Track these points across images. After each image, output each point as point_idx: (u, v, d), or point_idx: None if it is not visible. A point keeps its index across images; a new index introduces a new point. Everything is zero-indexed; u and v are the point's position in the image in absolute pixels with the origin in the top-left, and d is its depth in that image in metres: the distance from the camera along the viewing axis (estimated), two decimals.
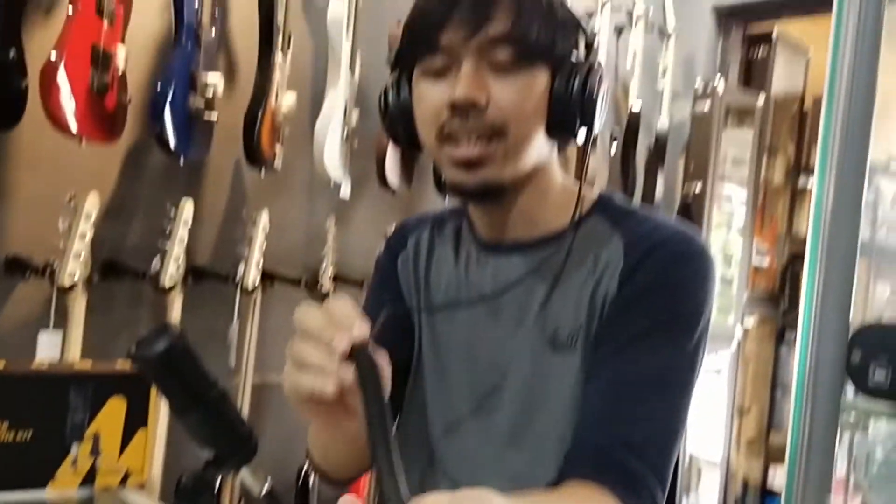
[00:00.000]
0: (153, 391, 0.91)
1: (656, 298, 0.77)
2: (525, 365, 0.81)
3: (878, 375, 0.46)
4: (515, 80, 0.77)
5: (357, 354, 0.63)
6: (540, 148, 0.81)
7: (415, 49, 0.81)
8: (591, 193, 0.87)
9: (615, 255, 0.80)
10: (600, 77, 0.81)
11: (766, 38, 3.30)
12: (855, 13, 0.51)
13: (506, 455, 0.82)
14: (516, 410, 0.81)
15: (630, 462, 0.73)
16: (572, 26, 0.82)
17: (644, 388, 0.76)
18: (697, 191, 2.99)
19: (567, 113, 0.79)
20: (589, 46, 0.83)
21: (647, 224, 0.82)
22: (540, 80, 0.79)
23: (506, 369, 0.83)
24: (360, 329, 0.64)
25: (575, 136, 0.81)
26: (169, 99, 1.66)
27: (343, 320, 0.64)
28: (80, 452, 0.90)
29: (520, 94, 0.77)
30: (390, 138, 0.88)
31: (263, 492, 0.71)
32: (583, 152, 0.86)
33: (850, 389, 0.50)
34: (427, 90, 0.80)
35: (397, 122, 0.85)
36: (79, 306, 1.54)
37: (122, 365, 0.91)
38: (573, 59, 0.81)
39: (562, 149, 0.86)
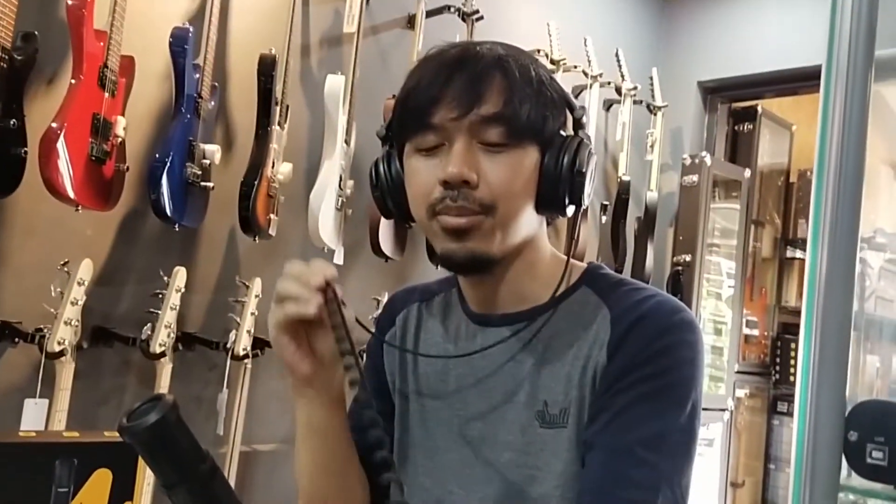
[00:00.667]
0: (140, 464, 0.89)
1: (645, 368, 0.77)
2: (516, 439, 0.81)
3: (876, 455, 0.46)
4: (505, 158, 0.79)
5: (327, 288, 0.78)
6: (529, 223, 0.82)
7: (407, 126, 0.82)
8: (580, 264, 0.88)
9: (603, 328, 0.80)
10: (589, 152, 0.83)
11: (751, 114, 3.39)
12: (842, 91, 0.53)
13: None
14: (507, 485, 0.81)
15: None
16: (561, 104, 0.84)
17: (643, 452, 0.75)
18: (687, 261, 3.02)
19: (556, 190, 0.81)
20: (577, 122, 0.85)
21: (634, 296, 0.82)
22: (530, 158, 0.80)
23: (496, 444, 0.82)
24: (331, 270, 0.78)
25: (564, 212, 0.83)
26: (167, 168, 1.68)
27: (318, 266, 0.78)
28: None
29: (509, 172, 0.79)
30: (380, 211, 0.89)
31: None
32: (571, 227, 0.88)
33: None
34: (419, 167, 0.81)
35: (388, 195, 0.86)
36: (66, 373, 1.52)
37: (110, 435, 0.90)
38: (562, 135, 0.83)
39: (550, 222, 0.88)
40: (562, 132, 0.83)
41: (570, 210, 0.83)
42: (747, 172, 3.24)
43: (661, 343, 0.78)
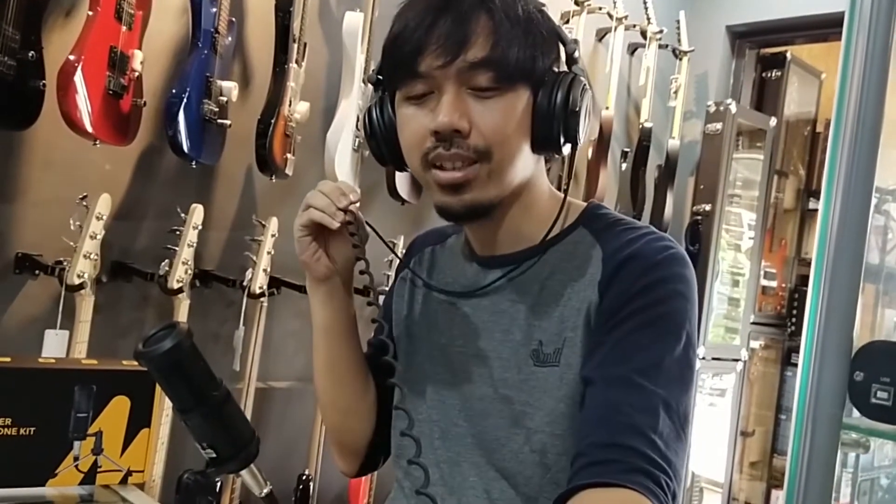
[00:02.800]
0: (157, 392, 0.91)
1: (637, 300, 0.77)
2: (512, 377, 0.83)
3: (880, 396, 0.46)
4: (496, 103, 0.78)
5: (350, 210, 0.86)
6: (525, 164, 0.82)
7: (395, 74, 0.81)
8: (580, 203, 0.89)
9: (595, 267, 0.81)
10: (583, 88, 0.81)
11: (780, 61, 3.30)
12: (864, 39, 0.52)
13: (490, 461, 0.83)
14: (503, 419, 0.82)
15: (640, 453, 0.70)
16: (552, 39, 0.82)
17: (640, 378, 0.74)
18: (707, 210, 2.99)
19: (550, 129, 0.80)
20: (570, 56, 0.83)
21: (626, 235, 0.82)
22: (521, 99, 0.79)
23: (494, 381, 0.84)
24: (356, 195, 0.84)
25: (560, 150, 0.82)
26: (183, 104, 1.67)
27: (346, 187, 0.85)
28: (82, 450, 0.90)
29: (502, 116, 0.78)
30: (376, 158, 0.89)
31: (264, 493, 0.72)
32: (568, 165, 0.88)
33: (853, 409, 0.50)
34: (410, 116, 0.81)
35: (381, 143, 0.86)
36: (86, 306, 1.55)
37: (128, 364, 0.92)
38: (555, 72, 0.81)
39: (548, 160, 0.87)
40: (554, 68, 0.82)
41: (567, 148, 0.82)
42: (773, 121, 3.18)
43: (652, 277, 0.78)
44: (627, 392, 0.74)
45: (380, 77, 0.86)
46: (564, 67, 0.83)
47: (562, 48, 0.83)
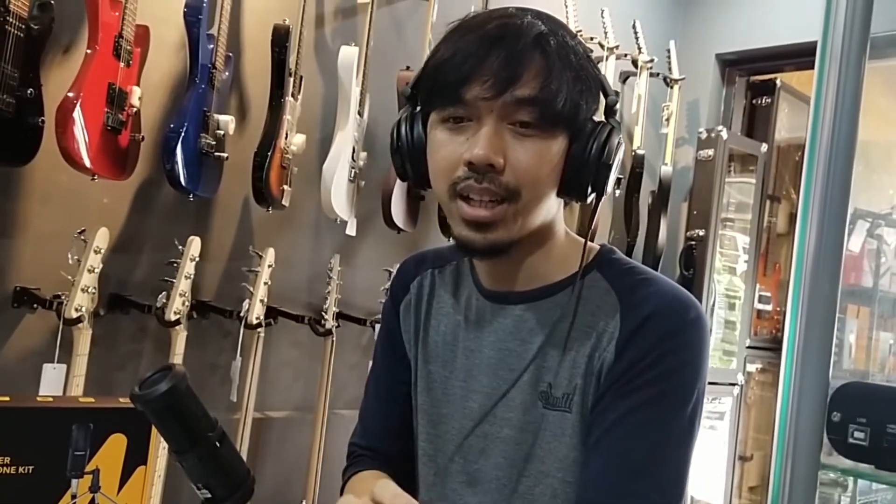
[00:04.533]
0: (153, 429, 0.92)
1: (651, 371, 0.77)
2: (516, 416, 0.82)
3: (857, 436, 0.47)
4: (534, 143, 0.77)
5: None
6: (549, 207, 0.81)
7: (436, 96, 0.80)
8: (592, 246, 0.87)
9: (612, 321, 0.80)
10: (619, 142, 0.81)
11: (770, 88, 3.34)
12: (836, 69, 0.54)
13: (486, 501, 0.82)
14: (504, 460, 0.82)
15: None
16: (596, 88, 0.82)
17: (643, 461, 0.76)
18: (700, 235, 3.01)
19: (580, 178, 0.79)
20: (610, 108, 0.82)
21: (644, 289, 0.81)
22: (558, 143, 0.78)
23: (496, 419, 0.83)
24: None
25: (585, 199, 0.82)
26: (181, 138, 1.70)
27: None
28: (79, 488, 0.91)
29: (537, 158, 0.77)
30: (397, 174, 0.87)
31: None
32: (591, 216, 0.88)
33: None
34: (443, 141, 0.79)
35: (407, 159, 0.84)
36: (84, 339, 1.56)
37: (124, 401, 0.93)
38: (593, 122, 0.80)
39: (567, 204, 0.87)
40: (594, 118, 0.81)
41: (591, 198, 0.82)
42: (764, 147, 3.22)
43: (668, 345, 0.77)
44: (630, 470, 0.75)
45: (414, 92, 0.84)
46: (603, 117, 0.82)
47: (602, 98, 0.83)
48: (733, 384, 3.15)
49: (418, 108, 0.84)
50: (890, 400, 0.48)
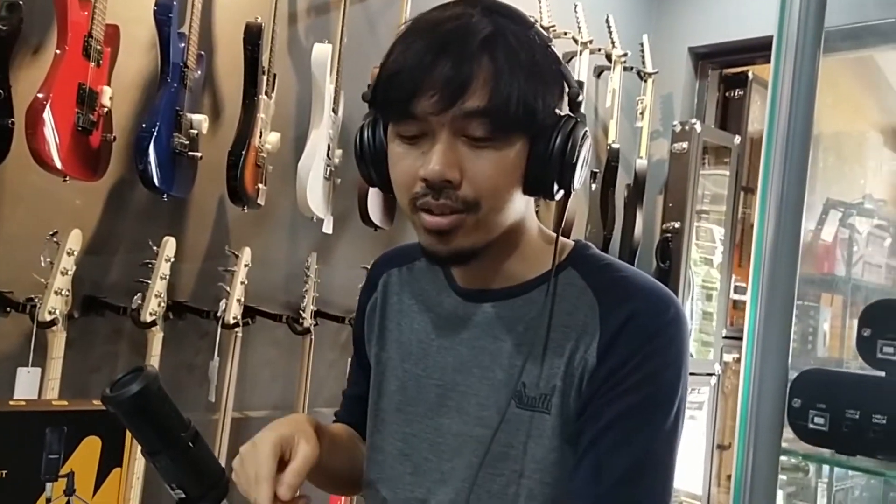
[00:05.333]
0: (128, 431, 0.92)
1: (635, 376, 0.76)
2: (490, 416, 0.81)
3: (817, 421, 0.48)
4: (490, 154, 0.75)
5: None
6: (515, 209, 0.79)
7: (388, 110, 0.78)
8: (567, 242, 0.86)
9: (591, 322, 0.79)
10: (584, 135, 0.78)
11: (742, 80, 3.38)
12: (791, 61, 0.55)
13: (459, 499, 0.82)
14: (477, 458, 0.81)
15: None
16: (557, 80, 0.79)
17: (633, 469, 0.76)
18: (676, 228, 3.04)
19: (545, 176, 0.77)
20: (573, 100, 0.79)
21: (622, 288, 0.80)
22: (517, 148, 0.76)
23: (469, 418, 0.83)
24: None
25: (552, 196, 0.79)
26: (153, 137, 1.69)
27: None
28: (54, 491, 0.90)
29: (494, 168, 0.75)
30: (364, 180, 0.86)
31: None
32: (560, 212, 0.86)
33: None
34: (400, 155, 0.78)
35: (370, 166, 0.83)
36: (58, 342, 1.55)
37: (98, 404, 0.92)
38: (555, 115, 0.77)
39: (538, 200, 0.84)
40: (556, 110, 0.78)
41: (560, 195, 0.80)
42: (737, 139, 3.25)
43: (650, 347, 0.76)
44: (617, 481, 0.75)
45: (374, 97, 0.81)
46: (566, 109, 0.79)
47: (565, 89, 0.80)
48: (710, 374, 3.18)
49: (378, 115, 0.82)
50: (849, 386, 0.49)
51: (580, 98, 0.80)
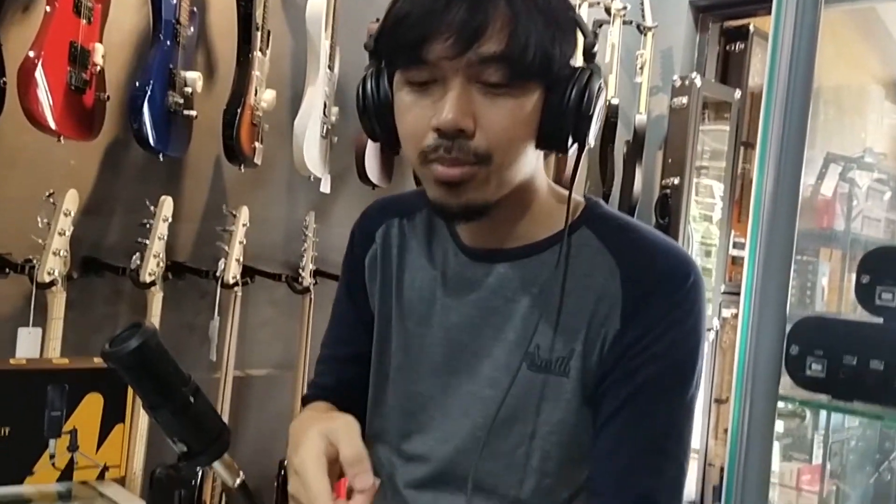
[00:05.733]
0: (130, 388, 0.93)
1: (660, 344, 0.74)
2: (501, 377, 0.79)
3: (815, 368, 0.48)
4: (506, 101, 0.72)
5: None
6: (527, 163, 0.76)
7: (397, 56, 0.74)
8: (577, 199, 0.83)
9: (612, 286, 0.76)
10: (599, 87, 0.75)
11: (743, 33, 3.33)
12: (793, 11, 0.54)
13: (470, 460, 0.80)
14: (486, 420, 0.79)
15: None
16: (572, 28, 0.75)
17: (657, 437, 0.75)
18: (675, 184, 3.02)
19: (560, 129, 0.74)
20: (588, 51, 0.76)
21: (643, 252, 0.78)
22: (533, 98, 0.73)
23: (479, 378, 0.81)
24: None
25: (566, 150, 0.76)
26: (147, 96, 1.67)
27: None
28: (57, 448, 0.91)
29: (509, 118, 0.72)
30: (367, 135, 0.82)
31: (237, 483, 0.73)
32: (574, 167, 0.81)
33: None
34: (409, 104, 0.74)
35: (374, 120, 0.79)
36: (58, 303, 1.55)
37: (99, 362, 0.93)
38: (571, 67, 0.74)
39: (548, 156, 0.84)
40: (571, 62, 0.75)
41: (573, 149, 0.76)
42: (738, 93, 3.22)
43: (675, 314, 0.75)
44: (644, 450, 0.74)
45: (377, 46, 0.77)
46: (581, 60, 0.76)
47: (580, 39, 0.76)
48: (709, 329, 3.20)
49: (384, 64, 0.77)
50: (846, 332, 0.49)
51: (595, 48, 0.77)
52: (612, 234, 0.79)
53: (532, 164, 0.78)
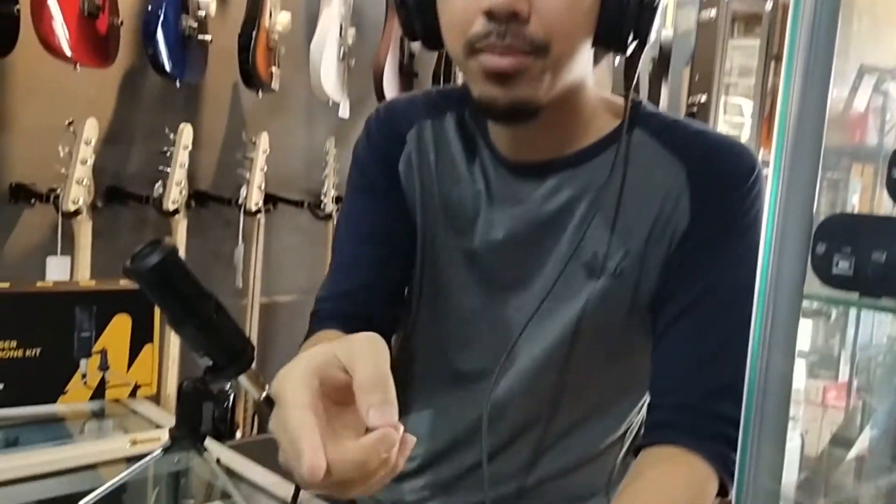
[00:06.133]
0: (157, 309, 0.94)
1: (730, 236, 0.71)
2: (558, 289, 0.74)
3: (842, 265, 0.47)
4: None
5: None
6: (583, 61, 0.70)
7: None
8: (621, 101, 0.77)
9: (676, 183, 0.72)
10: None
11: None
12: None
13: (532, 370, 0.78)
14: (544, 328, 0.76)
15: (728, 419, 0.66)
16: None
17: (729, 333, 0.70)
18: (703, 101, 2.95)
19: (620, 24, 0.67)
20: None
21: (704, 145, 0.73)
22: None
23: (531, 292, 0.76)
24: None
25: (625, 49, 0.70)
26: (161, 20, 1.64)
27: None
28: (88, 368, 0.93)
29: (567, 3, 0.65)
30: (405, 31, 0.75)
31: (262, 397, 0.75)
32: (633, 68, 0.74)
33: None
34: None
35: (414, 13, 0.72)
36: (84, 231, 1.57)
37: (126, 284, 0.94)
38: None
39: (600, 58, 0.75)
40: None
41: (632, 48, 0.70)
42: (769, 5, 3.09)
43: (743, 207, 0.71)
44: (719, 346, 0.69)
45: None
46: None
47: None
48: None
49: None
50: (875, 228, 0.48)
51: None
52: (668, 132, 0.74)
53: (587, 64, 0.72)
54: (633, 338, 0.77)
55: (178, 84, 1.72)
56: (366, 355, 0.50)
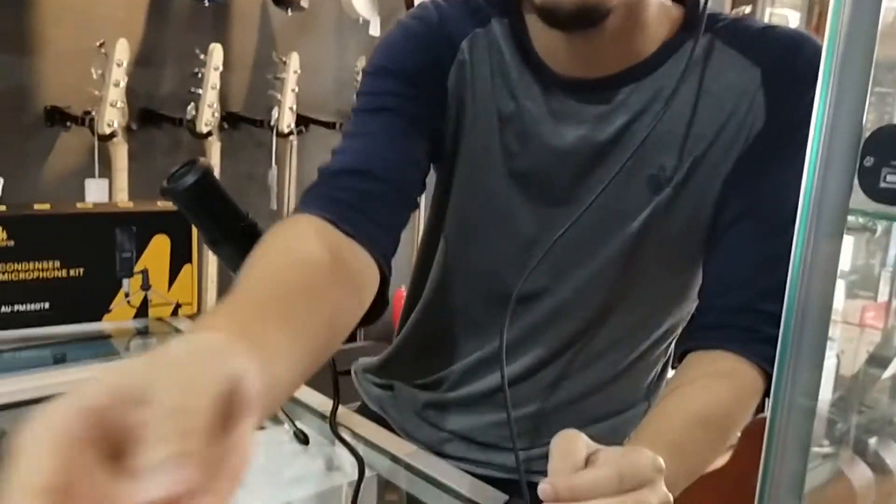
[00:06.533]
0: (195, 230, 0.95)
1: (801, 129, 0.68)
2: (623, 207, 0.72)
3: (890, 179, 0.45)
4: None
5: None
6: None
7: None
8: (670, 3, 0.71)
9: (752, 84, 0.68)
10: None
11: None
12: None
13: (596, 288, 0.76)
14: (606, 246, 0.73)
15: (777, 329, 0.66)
16: None
17: (788, 245, 0.67)
18: (747, 13, 2.83)
19: None
20: None
21: (775, 41, 0.69)
22: None
23: (604, 208, 0.71)
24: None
25: None
26: None
27: None
28: (131, 287, 0.95)
29: None
30: None
31: None
32: None
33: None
34: None
35: None
36: (120, 154, 1.59)
37: (164, 205, 0.95)
38: None
39: None
40: None
41: None
42: None
43: (810, 96, 0.69)
44: (780, 248, 0.65)
45: None
46: None
47: None
48: None
49: None
50: None
51: None
52: (733, 32, 0.69)
53: None
54: (689, 249, 0.74)
55: (206, 3, 1.70)
56: (175, 377, 0.32)
